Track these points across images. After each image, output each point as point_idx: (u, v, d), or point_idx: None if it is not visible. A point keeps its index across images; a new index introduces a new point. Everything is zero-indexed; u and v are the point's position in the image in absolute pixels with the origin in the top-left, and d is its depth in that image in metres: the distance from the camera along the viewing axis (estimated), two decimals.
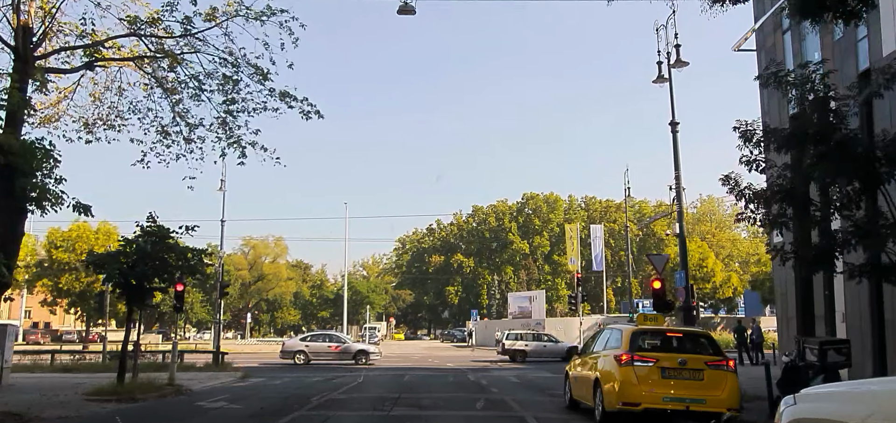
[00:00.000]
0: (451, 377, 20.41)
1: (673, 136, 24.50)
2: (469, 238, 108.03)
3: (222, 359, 22.81)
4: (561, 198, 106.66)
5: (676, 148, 24.43)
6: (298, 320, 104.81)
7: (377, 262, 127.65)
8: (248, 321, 63.93)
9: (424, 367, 28.18)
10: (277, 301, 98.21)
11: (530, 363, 31.64)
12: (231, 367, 22.03)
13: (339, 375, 21.95)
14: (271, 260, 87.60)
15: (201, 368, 21.42)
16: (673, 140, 24.52)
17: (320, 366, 26.96)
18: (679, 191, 24.51)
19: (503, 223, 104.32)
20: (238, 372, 20.62)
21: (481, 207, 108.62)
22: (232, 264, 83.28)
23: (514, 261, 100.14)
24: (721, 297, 44.84)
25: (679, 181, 24.52)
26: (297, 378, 19.80)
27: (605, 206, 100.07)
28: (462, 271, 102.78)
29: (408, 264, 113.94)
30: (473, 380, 18.85)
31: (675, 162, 24.41)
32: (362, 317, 77.06)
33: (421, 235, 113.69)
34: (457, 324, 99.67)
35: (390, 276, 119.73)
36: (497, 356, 34.29)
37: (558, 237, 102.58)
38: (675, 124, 24.42)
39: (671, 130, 24.63)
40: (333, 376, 20.85)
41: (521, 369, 27.83)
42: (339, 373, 23.46)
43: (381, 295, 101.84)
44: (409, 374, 21.97)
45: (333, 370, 25.39)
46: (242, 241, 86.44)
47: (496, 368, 28.04)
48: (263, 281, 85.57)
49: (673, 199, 24.70)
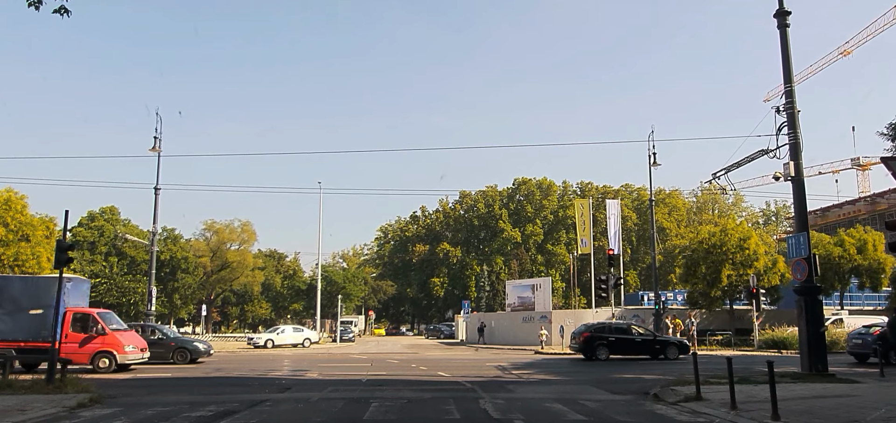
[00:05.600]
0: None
1: (781, 32, 16.50)
2: (456, 226, 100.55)
3: (63, 371, 14.09)
4: (555, 183, 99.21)
5: (787, 49, 16.40)
6: (270, 313, 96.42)
7: (358, 252, 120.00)
8: (203, 314, 55.13)
9: (405, 378, 19.80)
10: (247, 293, 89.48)
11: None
12: (71, 386, 13.23)
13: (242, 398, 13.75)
14: (238, 247, 78.61)
15: (25, 386, 12.92)
16: (782, 38, 16.50)
17: (229, 379, 18.86)
18: (793, 110, 16.47)
19: (493, 210, 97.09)
20: (72, 397, 11.99)
21: (469, 192, 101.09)
22: (192, 251, 74.44)
23: (505, 250, 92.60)
24: (765, 285, 36.92)
25: (792, 97, 16.47)
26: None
27: (602, 191, 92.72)
28: (448, 262, 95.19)
29: (390, 253, 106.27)
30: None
31: (784, 68, 16.41)
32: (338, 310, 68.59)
33: (404, 223, 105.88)
34: (442, 318, 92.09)
35: (371, 267, 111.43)
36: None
37: (552, 225, 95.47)
38: (786, 13, 16.38)
39: (778, 23, 16.64)
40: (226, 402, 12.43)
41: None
42: (251, 391, 15.28)
43: (359, 286, 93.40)
44: (378, 396, 13.66)
45: (244, 387, 17.22)
46: (204, 225, 77.57)
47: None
48: (228, 270, 76.75)
49: (782, 125, 16.55)
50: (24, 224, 37.84)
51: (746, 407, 10.64)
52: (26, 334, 20.12)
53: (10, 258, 36.74)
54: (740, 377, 13.19)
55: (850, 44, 78.24)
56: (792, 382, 14.59)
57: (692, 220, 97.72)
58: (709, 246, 38.85)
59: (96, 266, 66.31)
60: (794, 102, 16.33)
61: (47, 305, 19.78)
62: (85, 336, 21.12)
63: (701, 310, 40.13)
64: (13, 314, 20.19)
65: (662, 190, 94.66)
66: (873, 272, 44.38)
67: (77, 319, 21.38)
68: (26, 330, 20.12)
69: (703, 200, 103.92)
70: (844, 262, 43.81)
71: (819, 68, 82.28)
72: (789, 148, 16.39)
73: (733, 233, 38.62)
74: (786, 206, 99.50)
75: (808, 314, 15.97)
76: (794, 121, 16.25)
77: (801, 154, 16.24)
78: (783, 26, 16.35)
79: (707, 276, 38.17)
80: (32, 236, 38.13)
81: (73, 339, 20.83)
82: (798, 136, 16.24)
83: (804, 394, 12.63)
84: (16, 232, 37.49)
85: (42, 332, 19.74)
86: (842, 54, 79.44)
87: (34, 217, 39.55)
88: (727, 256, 37.51)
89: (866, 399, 11.98)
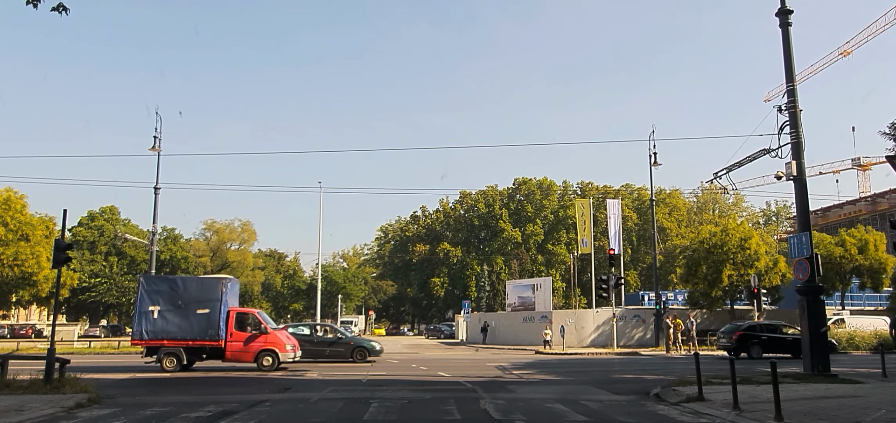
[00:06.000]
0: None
1: (783, 31, 16.42)
2: (456, 226, 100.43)
3: (61, 371, 14.00)
4: (555, 183, 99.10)
5: (789, 48, 16.33)
6: (270, 313, 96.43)
7: (358, 252, 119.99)
8: None
9: (405, 378, 19.73)
10: (247, 293, 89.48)
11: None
12: (69, 386, 13.14)
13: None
14: (238, 247, 78.58)
15: (23, 386, 12.83)
16: (784, 37, 16.43)
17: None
18: (795, 109, 16.40)
19: (493, 210, 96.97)
20: (70, 397, 11.91)
21: (469, 192, 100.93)
22: (192, 250, 74.42)
23: (506, 250, 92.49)
24: (766, 285, 36.84)
25: (794, 96, 16.41)
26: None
27: (602, 191, 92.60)
28: (448, 261, 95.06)
29: (390, 253, 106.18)
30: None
31: (786, 67, 16.33)
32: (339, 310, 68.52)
33: (404, 222, 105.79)
34: (443, 318, 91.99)
35: (372, 267, 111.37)
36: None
37: (553, 225, 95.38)
38: (788, 12, 16.32)
39: (780, 22, 16.56)
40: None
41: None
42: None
43: (359, 286, 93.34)
44: (377, 396, 13.59)
45: (243, 386, 17.19)
46: (204, 225, 77.52)
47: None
48: (228, 270, 76.56)
49: (784, 124, 16.48)
50: (23, 224, 37.83)
51: (749, 408, 10.57)
52: (195, 332, 20.74)
53: (9, 258, 36.74)
54: (742, 378, 13.12)
55: (851, 44, 78.27)
56: (794, 382, 14.52)
57: (693, 220, 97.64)
58: (710, 246, 38.78)
59: (96, 266, 66.28)
60: (795, 100, 16.25)
61: (212, 304, 20.71)
62: (248, 335, 21.37)
63: (702, 310, 40.05)
64: (183, 314, 20.73)
65: (663, 190, 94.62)
66: (874, 272, 44.31)
67: (239, 318, 21.69)
68: (194, 329, 20.70)
69: (703, 200, 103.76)
70: (846, 262, 43.73)
71: (819, 69, 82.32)
72: (791, 147, 16.31)
73: (734, 233, 38.55)
74: (786, 206, 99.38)
75: (811, 314, 15.89)
76: (796, 120, 16.17)
77: (802, 153, 16.17)
78: (785, 25, 16.27)
79: (708, 276, 38.10)
80: (32, 235, 38.13)
81: (237, 338, 21.21)
82: (800, 135, 16.16)
83: (807, 395, 12.56)
84: (15, 232, 37.48)
85: (208, 330, 20.62)
86: (842, 55, 79.46)
87: (34, 217, 39.54)
88: (728, 256, 37.44)
89: (869, 400, 11.91)
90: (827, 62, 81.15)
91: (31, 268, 37.36)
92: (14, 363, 15.34)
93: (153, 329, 20.54)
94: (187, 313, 20.67)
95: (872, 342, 30.95)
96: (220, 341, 20.81)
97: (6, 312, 55.54)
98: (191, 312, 20.69)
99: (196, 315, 20.64)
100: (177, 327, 20.60)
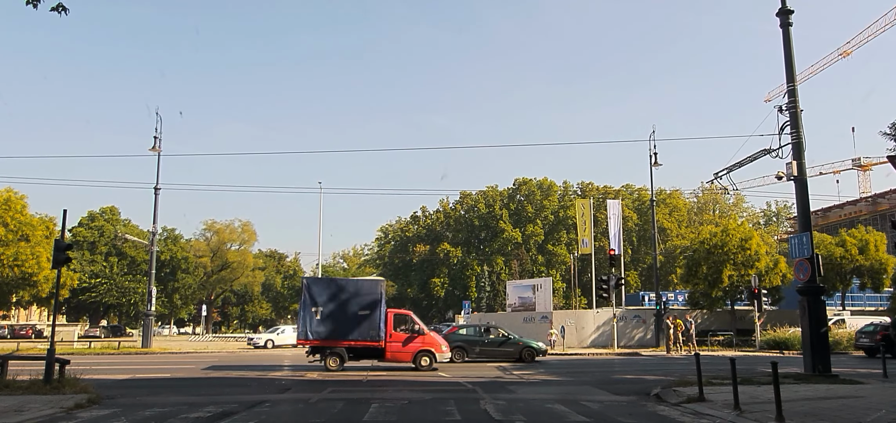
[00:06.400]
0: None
1: (784, 31, 16.40)
2: (456, 226, 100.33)
3: (61, 371, 13.98)
4: (556, 183, 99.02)
5: (789, 48, 16.31)
6: (270, 314, 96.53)
7: (358, 252, 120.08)
8: (203, 314, 55.06)
9: (405, 379, 19.66)
10: (247, 293, 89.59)
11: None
12: (69, 387, 13.10)
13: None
14: (238, 247, 78.57)
15: (23, 387, 12.77)
16: (784, 37, 16.41)
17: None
18: (796, 109, 16.38)
19: (494, 210, 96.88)
20: (70, 398, 11.84)
21: (470, 192, 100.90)
22: (192, 251, 74.40)
23: (506, 251, 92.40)
24: (767, 286, 36.82)
25: (794, 96, 16.39)
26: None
27: (603, 191, 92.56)
28: (449, 262, 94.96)
29: (390, 253, 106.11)
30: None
31: (787, 67, 16.31)
32: None
33: (404, 223, 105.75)
34: (443, 318, 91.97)
35: (372, 268, 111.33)
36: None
37: (553, 226, 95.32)
38: (788, 12, 16.30)
39: (781, 22, 16.53)
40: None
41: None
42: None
43: None
44: (378, 397, 13.43)
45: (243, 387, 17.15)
46: (204, 225, 77.52)
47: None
48: (228, 270, 76.70)
49: (785, 124, 16.47)
50: (23, 224, 37.81)
51: (750, 409, 10.54)
52: (357, 333, 21.46)
53: (9, 258, 36.71)
54: (743, 378, 13.09)
55: (851, 44, 78.29)
56: (795, 383, 14.49)
57: (693, 220, 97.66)
58: (710, 246, 38.77)
59: (96, 266, 66.25)
60: (796, 100, 16.24)
61: (373, 306, 21.45)
62: (407, 336, 22.06)
63: (702, 310, 40.02)
64: (346, 315, 21.44)
65: (663, 190, 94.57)
66: (875, 273, 44.29)
67: (397, 319, 22.43)
68: (357, 330, 21.41)
69: (703, 200, 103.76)
70: (846, 262, 43.72)
71: (819, 69, 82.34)
72: (792, 147, 16.29)
73: (734, 233, 38.54)
74: (786, 206, 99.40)
75: (811, 315, 15.87)
76: (797, 120, 16.15)
77: (803, 153, 16.15)
78: (785, 25, 16.25)
79: (708, 276, 38.08)
80: (32, 235, 38.10)
81: (396, 339, 21.91)
82: (801, 135, 16.14)
83: (808, 395, 12.53)
84: (15, 232, 37.45)
85: (370, 331, 21.34)
86: (841, 55, 79.48)
87: (34, 217, 39.52)
88: (728, 256, 37.42)
89: (870, 401, 11.89)
90: (827, 62, 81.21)
91: (31, 268, 37.33)
92: (14, 363, 15.32)
93: (317, 330, 21.23)
94: (350, 315, 21.37)
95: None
96: (381, 342, 21.52)
97: (6, 312, 55.58)
98: (353, 313, 21.40)
99: (358, 316, 21.36)
100: (340, 328, 21.29)
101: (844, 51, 78.77)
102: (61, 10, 9.10)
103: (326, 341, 21.25)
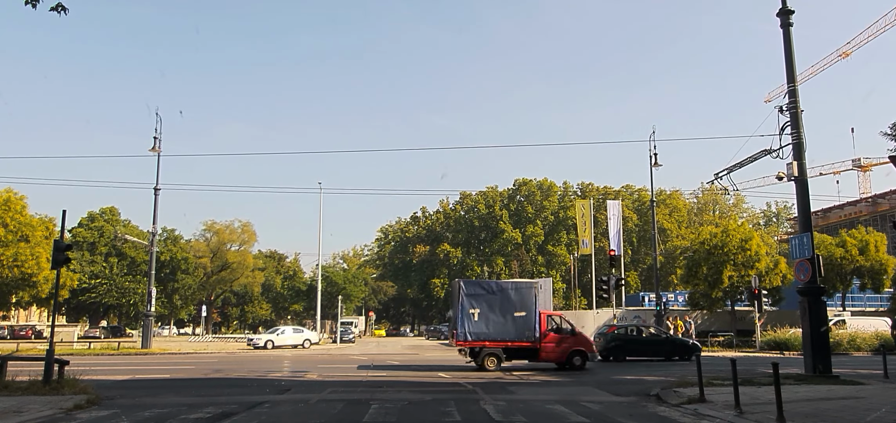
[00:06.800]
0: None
1: (784, 31, 16.37)
2: (456, 227, 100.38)
3: (60, 372, 13.97)
4: (556, 184, 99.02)
5: (790, 48, 16.29)
6: (270, 314, 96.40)
7: (358, 253, 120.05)
8: (203, 314, 55.03)
9: (405, 379, 19.55)
10: (247, 294, 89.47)
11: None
12: (68, 387, 13.09)
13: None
14: (238, 247, 78.48)
15: (22, 387, 12.75)
16: (785, 38, 16.38)
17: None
18: (796, 109, 16.36)
19: (494, 211, 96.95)
20: (69, 398, 11.81)
21: (470, 193, 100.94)
22: (192, 251, 74.34)
23: (506, 251, 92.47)
24: (767, 286, 36.79)
25: (795, 96, 16.37)
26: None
27: (603, 192, 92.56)
28: (449, 262, 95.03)
29: (390, 254, 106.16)
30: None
31: (787, 67, 16.28)
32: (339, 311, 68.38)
33: (404, 223, 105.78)
34: (443, 319, 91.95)
35: (372, 268, 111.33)
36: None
37: (553, 226, 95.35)
38: (789, 12, 16.28)
39: (781, 22, 16.51)
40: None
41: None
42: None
43: (359, 287, 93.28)
44: (378, 398, 13.25)
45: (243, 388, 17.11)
46: (204, 225, 77.45)
47: None
48: (228, 271, 76.61)
49: (785, 125, 16.45)
50: (23, 225, 37.76)
51: (751, 409, 10.52)
52: (513, 334, 21.81)
53: (9, 259, 36.66)
54: (743, 379, 13.06)
55: (851, 45, 78.33)
56: (795, 383, 14.47)
57: (693, 221, 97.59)
58: (710, 247, 38.74)
59: (96, 267, 66.19)
60: (797, 101, 16.22)
61: (528, 307, 21.80)
62: (560, 337, 22.42)
63: (702, 311, 39.99)
64: (503, 317, 21.76)
65: (663, 191, 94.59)
66: (875, 273, 44.27)
67: (550, 320, 22.84)
68: (513, 331, 21.76)
69: (703, 200, 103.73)
70: (846, 263, 43.70)
71: (819, 69, 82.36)
72: (792, 148, 16.27)
73: (735, 234, 38.52)
74: (787, 207, 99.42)
75: (812, 315, 15.85)
76: (798, 120, 16.13)
77: (804, 154, 16.13)
78: (786, 25, 16.23)
79: (708, 277, 38.05)
80: (32, 236, 38.05)
81: (550, 339, 22.28)
82: (801, 135, 16.12)
83: (808, 396, 12.51)
84: (15, 232, 37.40)
85: (525, 332, 21.72)
86: (841, 56, 79.50)
87: (34, 218, 39.47)
88: (729, 257, 37.40)
89: (871, 401, 11.87)
90: (827, 63, 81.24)
91: (30, 269, 37.29)
92: (13, 363, 15.30)
93: (475, 331, 21.55)
94: (506, 316, 21.69)
95: (874, 344, 30.89)
96: (536, 343, 21.88)
97: (6, 313, 55.50)
98: (509, 315, 21.72)
99: (514, 318, 21.70)
100: (497, 329, 21.62)
101: (844, 51, 78.85)
102: (61, 10, 9.08)
103: (484, 342, 21.63)
